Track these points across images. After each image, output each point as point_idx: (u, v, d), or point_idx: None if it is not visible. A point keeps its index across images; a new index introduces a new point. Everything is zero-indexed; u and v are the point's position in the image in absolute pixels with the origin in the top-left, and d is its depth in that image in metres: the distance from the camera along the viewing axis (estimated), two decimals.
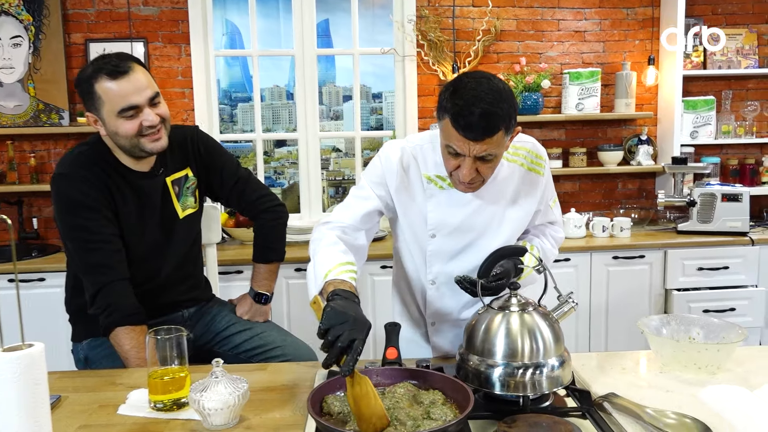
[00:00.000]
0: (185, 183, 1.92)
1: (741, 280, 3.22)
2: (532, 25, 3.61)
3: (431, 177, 1.58)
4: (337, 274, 1.41)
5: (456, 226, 1.59)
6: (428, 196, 1.59)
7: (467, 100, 1.34)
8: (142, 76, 1.69)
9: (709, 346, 1.42)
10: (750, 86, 3.74)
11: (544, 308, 1.38)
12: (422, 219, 1.60)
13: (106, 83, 1.65)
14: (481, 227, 1.59)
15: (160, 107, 1.74)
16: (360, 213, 1.60)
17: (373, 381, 1.28)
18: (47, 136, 3.47)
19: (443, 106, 1.39)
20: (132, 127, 1.69)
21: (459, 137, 1.37)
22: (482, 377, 1.31)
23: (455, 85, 1.38)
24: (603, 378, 1.45)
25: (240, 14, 4.68)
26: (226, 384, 1.27)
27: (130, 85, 1.66)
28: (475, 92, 1.34)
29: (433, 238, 1.60)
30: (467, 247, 1.61)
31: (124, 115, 1.67)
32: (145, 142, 1.72)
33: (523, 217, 1.64)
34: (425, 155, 1.59)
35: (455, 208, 1.58)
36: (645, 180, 3.78)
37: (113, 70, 1.65)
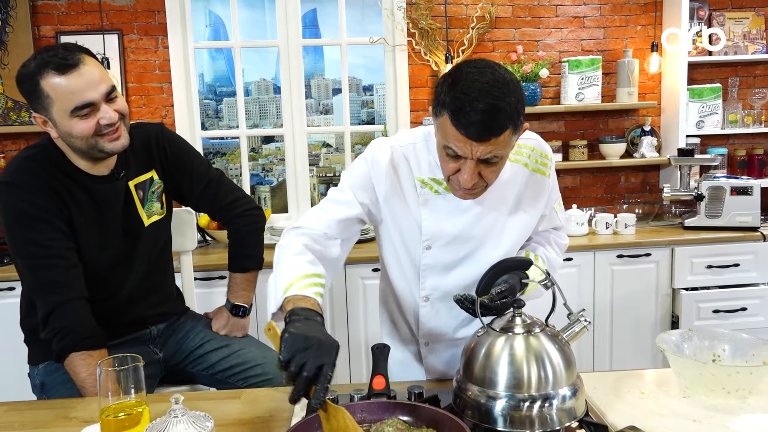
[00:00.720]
0: (150, 187, 1.75)
1: (752, 278, 3.06)
2: (529, 11, 3.42)
3: (425, 180, 1.40)
4: (299, 289, 1.21)
5: (454, 236, 1.40)
6: (422, 203, 1.40)
7: (469, 94, 1.14)
8: (95, 68, 1.51)
9: (740, 369, 1.24)
10: (758, 72, 3.57)
11: (552, 329, 1.21)
12: (415, 228, 1.42)
13: (54, 79, 1.46)
14: (481, 236, 1.41)
15: (118, 102, 1.56)
16: (336, 219, 1.40)
17: (357, 417, 1.11)
18: (18, 135, 3.28)
19: (441, 100, 1.19)
20: (88, 127, 1.51)
21: (460, 137, 1.17)
22: (482, 410, 1.14)
23: (454, 75, 1.19)
24: (619, 404, 1.28)
25: (223, 5, 4.48)
26: (188, 424, 1.10)
27: (82, 80, 1.48)
28: (478, 84, 1.14)
29: (428, 250, 1.42)
30: (465, 259, 1.43)
31: (77, 114, 1.49)
32: (104, 142, 1.54)
33: (527, 224, 1.46)
34: (418, 155, 1.40)
35: (453, 215, 1.40)
36: (648, 173, 3.61)
37: (61, 64, 1.46)
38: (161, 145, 1.77)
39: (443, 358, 1.53)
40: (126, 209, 1.69)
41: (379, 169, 1.40)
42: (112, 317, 1.65)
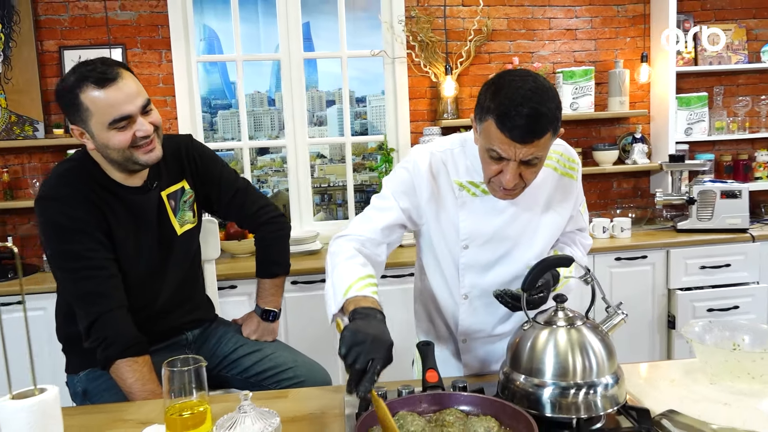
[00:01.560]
0: (182, 197, 1.79)
1: (743, 278, 3.19)
2: (524, 24, 3.54)
3: (463, 183, 1.48)
4: (358, 290, 1.29)
5: (491, 236, 1.49)
6: (460, 204, 1.48)
7: (513, 100, 1.23)
8: (132, 82, 1.56)
9: (764, 355, 1.34)
10: (740, 81, 3.74)
11: (592, 321, 1.29)
12: (454, 229, 1.49)
13: (94, 92, 1.50)
14: (516, 236, 1.50)
15: (152, 115, 1.60)
16: (381, 225, 1.48)
17: (418, 408, 1.17)
18: (21, 149, 3.29)
19: (485, 106, 1.28)
20: (125, 139, 1.55)
21: (504, 139, 1.26)
22: (531, 398, 1.22)
23: (497, 83, 1.28)
24: (653, 392, 1.36)
25: (218, 19, 4.52)
26: (256, 419, 1.15)
27: (120, 94, 1.52)
28: (522, 90, 1.24)
29: (466, 249, 1.50)
30: (502, 258, 1.51)
31: (115, 127, 1.53)
32: (139, 154, 1.58)
33: (558, 224, 1.55)
34: (456, 160, 1.49)
35: (489, 216, 1.48)
36: (639, 179, 3.75)
37: (101, 78, 1.50)
38: (191, 156, 1.82)
39: (480, 354, 1.60)
40: (159, 219, 1.73)
41: (420, 174, 1.47)
42: (148, 325, 1.68)
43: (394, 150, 3.53)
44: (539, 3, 3.53)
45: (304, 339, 2.85)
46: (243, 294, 2.90)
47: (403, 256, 3.05)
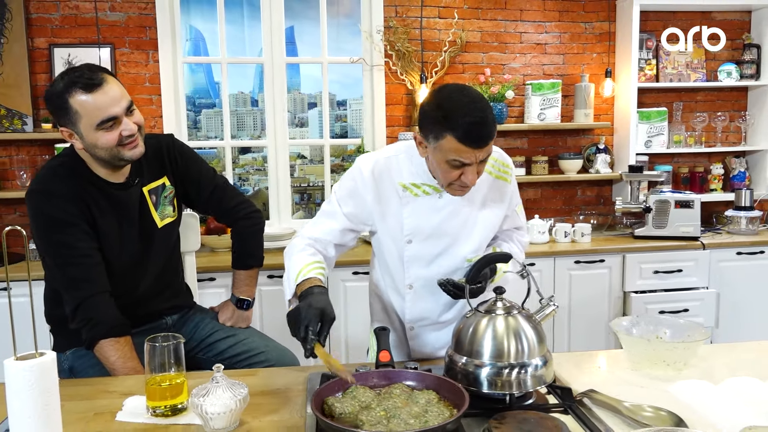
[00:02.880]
0: (162, 192, 1.92)
1: (693, 282, 3.41)
2: (496, 38, 3.73)
3: (406, 185, 1.66)
4: (305, 274, 1.56)
5: (431, 231, 1.68)
6: (404, 204, 1.67)
7: (467, 113, 1.42)
8: (116, 87, 1.70)
9: (677, 345, 1.53)
10: (699, 98, 3.96)
11: (527, 311, 1.46)
12: (398, 226, 1.68)
13: (82, 97, 1.64)
14: (455, 232, 1.69)
15: (135, 115, 1.74)
16: (327, 228, 1.70)
17: (370, 383, 1.34)
18: (10, 142, 3.40)
19: (439, 123, 1.46)
20: (112, 138, 1.68)
21: (466, 150, 1.45)
22: (470, 377, 1.39)
23: (444, 101, 1.47)
24: (581, 376, 1.54)
25: (204, 20, 4.65)
26: (226, 389, 1.31)
27: (106, 97, 1.66)
28: (472, 106, 1.43)
29: (410, 244, 1.69)
30: (443, 252, 1.70)
31: (103, 127, 1.66)
32: (125, 151, 1.72)
33: (493, 222, 1.74)
34: (400, 165, 1.67)
35: (430, 213, 1.67)
36: (603, 187, 3.95)
37: (88, 83, 1.64)
38: (172, 155, 1.95)
39: (428, 341, 1.78)
40: (141, 213, 1.87)
41: (363, 179, 1.66)
42: (130, 310, 1.83)
43: None
44: (511, 18, 3.72)
45: (278, 328, 2.99)
46: (221, 286, 3.04)
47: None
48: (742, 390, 1.40)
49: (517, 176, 3.62)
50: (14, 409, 1.03)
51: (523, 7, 3.73)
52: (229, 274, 3.03)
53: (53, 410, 1.06)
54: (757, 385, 1.41)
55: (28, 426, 1.02)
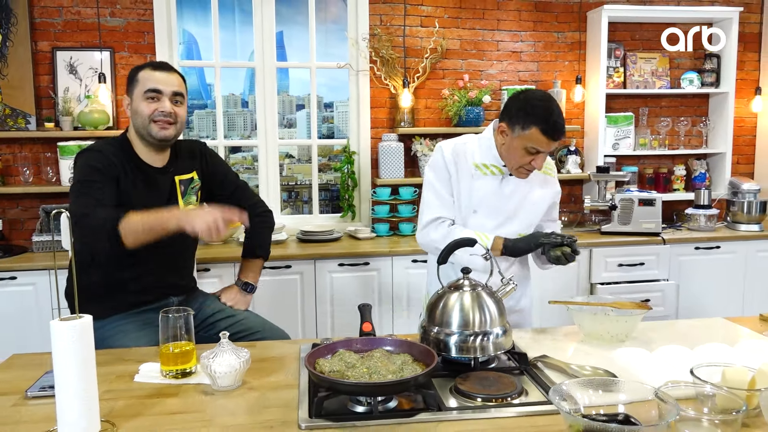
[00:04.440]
0: (190, 184, 2.20)
1: (655, 275, 3.67)
2: (474, 45, 3.98)
3: (478, 164, 2.06)
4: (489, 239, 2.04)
5: (493, 206, 2.07)
6: (475, 179, 2.05)
7: (555, 116, 1.88)
8: (178, 79, 2.05)
9: (618, 318, 1.78)
10: (663, 104, 4.24)
11: (489, 288, 1.70)
12: (468, 197, 2.06)
13: (148, 71, 2.02)
14: (512, 209, 2.08)
15: (179, 107, 2.06)
16: (441, 205, 2.09)
17: (354, 348, 1.57)
18: (13, 140, 3.58)
19: (529, 118, 1.89)
20: (149, 109, 1.99)
21: (546, 141, 1.89)
22: (441, 344, 1.62)
23: (535, 101, 1.91)
24: (537, 346, 1.78)
25: (197, 24, 4.86)
26: (232, 352, 1.53)
27: (162, 76, 2.02)
28: (550, 108, 1.89)
29: (475, 214, 2.06)
30: (501, 225, 2.08)
31: (147, 96, 1.99)
32: (155, 129, 2.00)
33: (541, 207, 2.13)
34: (473, 149, 2.08)
35: (494, 190, 2.07)
36: (574, 186, 4.21)
37: (158, 65, 2.06)
38: (203, 156, 2.27)
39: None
40: (170, 196, 2.13)
41: (445, 157, 2.08)
42: (143, 285, 2.06)
43: (356, 153, 3.92)
44: (489, 27, 3.97)
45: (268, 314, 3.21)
46: (215, 276, 3.26)
47: (360, 248, 3.45)
48: (672, 356, 1.64)
49: None
50: (59, 361, 1.24)
51: (500, 18, 3.98)
52: (222, 264, 3.26)
53: (90, 363, 1.27)
54: (686, 352, 1.66)
55: (71, 374, 1.23)
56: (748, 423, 1.28)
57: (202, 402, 1.46)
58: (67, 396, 1.25)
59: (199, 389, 1.53)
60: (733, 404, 1.24)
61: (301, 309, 3.38)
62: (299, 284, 3.38)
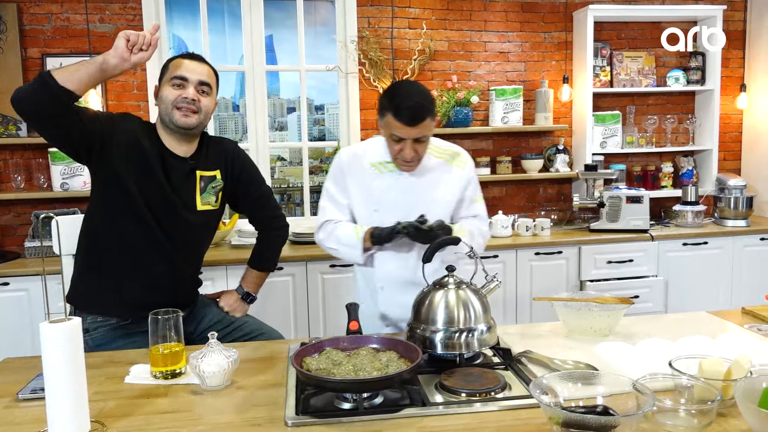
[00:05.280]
0: (211, 182, 2.13)
1: (643, 271, 3.71)
2: (462, 47, 4.01)
3: (375, 164, 2.07)
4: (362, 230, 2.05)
5: (393, 203, 2.03)
6: (372, 179, 2.05)
7: (404, 98, 1.86)
8: (207, 69, 2.04)
9: (601, 313, 1.81)
10: (650, 102, 4.28)
11: (474, 286, 1.73)
12: (368, 197, 2.05)
13: (178, 59, 2.02)
14: (413, 205, 2.02)
15: (205, 97, 2.02)
16: (334, 211, 2.11)
17: (341, 346, 1.59)
18: (4, 146, 3.60)
19: (385, 105, 1.90)
20: (173, 95, 1.97)
21: (400, 126, 1.87)
22: (427, 341, 1.64)
23: (392, 90, 1.91)
24: (523, 342, 1.81)
25: (186, 28, 4.87)
26: (220, 352, 1.56)
27: (191, 65, 2.01)
28: (409, 92, 1.89)
29: (377, 212, 2.05)
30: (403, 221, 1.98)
31: (173, 83, 1.98)
32: (177, 115, 1.97)
33: (447, 200, 2.09)
34: (371, 149, 2.10)
35: (392, 187, 2.06)
36: (563, 185, 4.25)
37: (190, 55, 2.04)
38: (233, 157, 2.18)
39: (397, 301, 2.05)
40: (186, 187, 2.06)
41: (341, 163, 2.11)
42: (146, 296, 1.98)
43: None
44: (477, 28, 4.01)
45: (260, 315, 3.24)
46: (207, 279, 3.24)
47: None
48: (653, 349, 1.67)
49: (482, 176, 3.94)
50: (49, 362, 1.26)
51: (488, 19, 4.01)
52: (213, 268, 3.27)
53: (79, 365, 1.29)
54: (667, 345, 1.69)
55: (60, 376, 1.26)
56: (725, 413, 1.31)
57: (191, 401, 1.48)
58: (56, 397, 1.27)
59: (189, 389, 1.55)
60: (710, 395, 1.28)
61: (293, 310, 3.41)
62: (291, 286, 3.41)
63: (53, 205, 3.60)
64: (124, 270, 2.02)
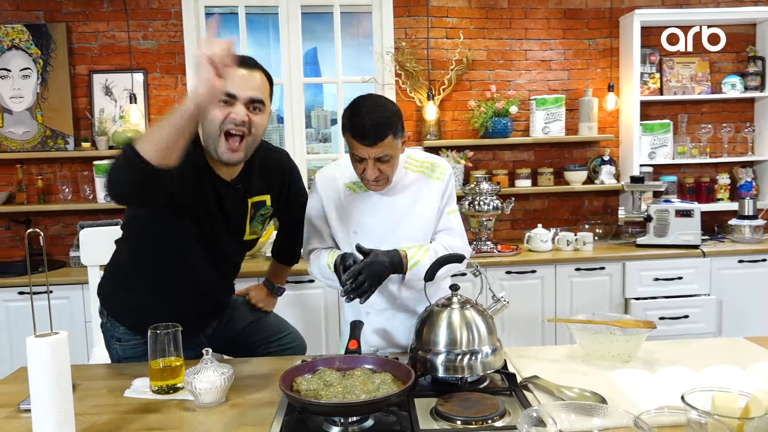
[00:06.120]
0: (260, 209, 1.96)
1: (694, 290, 3.49)
2: (502, 55, 3.92)
3: (349, 185, 1.92)
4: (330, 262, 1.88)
5: (372, 223, 1.89)
6: (349, 201, 1.91)
7: (361, 116, 1.68)
8: (259, 80, 1.70)
9: (619, 337, 1.69)
10: (704, 110, 4.05)
11: (480, 306, 1.65)
12: (346, 219, 1.92)
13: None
14: (393, 224, 1.88)
15: (257, 116, 1.70)
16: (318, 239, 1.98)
17: (335, 366, 1.54)
18: (53, 160, 3.75)
19: (344, 123, 1.74)
20: (220, 115, 1.66)
21: (358, 145, 1.70)
22: (428, 363, 1.58)
23: (351, 106, 1.73)
24: (535, 366, 1.71)
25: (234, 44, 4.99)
26: (215, 369, 1.54)
27: (240, 78, 1.66)
28: (367, 109, 1.69)
29: (356, 234, 1.90)
30: (383, 241, 1.85)
31: (220, 100, 1.64)
32: (222, 147, 1.69)
33: (427, 216, 1.90)
34: (344, 170, 1.92)
35: (369, 207, 1.90)
36: (609, 197, 4.07)
37: (242, 60, 1.67)
38: (287, 178, 2.02)
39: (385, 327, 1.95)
40: (236, 217, 1.89)
41: (317, 188, 1.96)
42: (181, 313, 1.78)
43: None
44: (517, 36, 3.90)
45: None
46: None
47: None
48: (674, 378, 1.54)
49: (523, 187, 3.81)
50: (34, 376, 1.27)
51: (528, 26, 3.90)
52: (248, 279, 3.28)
53: (64, 379, 1.30)
54: (689, 374, 1.56)
55: (44, 390, 1.26)
56: None
57: (181, 418, 1.47)
58: (41, 411, 1.28)
59: (183, 406, 1.54)
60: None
61: (324, 324, 3.39)
62: (323, 299, 3.39)
63: (98, 216, 3.72)
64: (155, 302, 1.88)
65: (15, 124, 3.68)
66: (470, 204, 3.51)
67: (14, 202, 3.70)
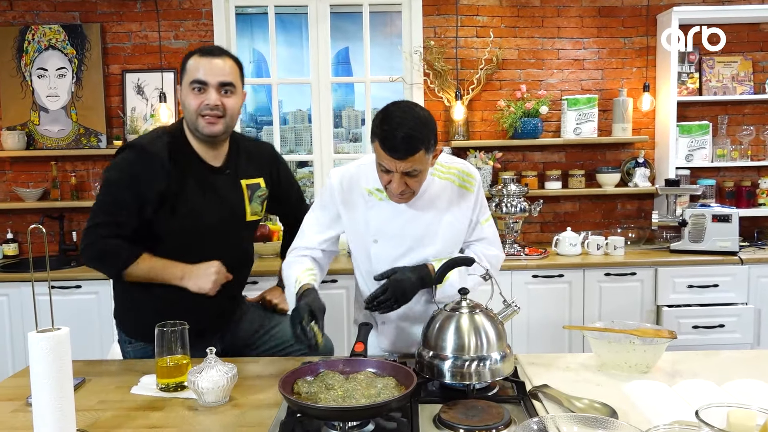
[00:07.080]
0: (257, 191, 2.05)
1: (731, 298, 3.35)
2: (533, 54, 3.83)
3: (371, 190, 1.80)
4: (300, 281, 1.77)
5: (394, 233, 1.80)
6: (369, 207, 1.81)
7: (392, 126, 1.58)
8: (228, 65, 1.83)
9: (636, 347, 1.62)
10: (746, 111, 3.89)
11: (490, 311, 1.60)
12: (365, 227, 1.82)
13: (195, 57, 1.84)
14: (418, 234, 1.80)
15: (229, 98, 1.84)
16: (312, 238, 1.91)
17: (338, 369, 1.52)
18: (87, 157, 3.83)
19: (374, 131, 1.63)
20: (195, 103, 1.81)
21: (387, 157, 1.60)
22: (435, 369, 1.54)
23: (383, 113, 1.63)
24: (547, 374, 1.65)
25: (265, 43, 5.01)
26: (219, 368, 1.53)
27: (209, 65, 1.81)
28: (399, 120, 1.58)
29: (376, 243, 1.81)
30: (406, 253, 1.81)
31: (192, 88, 1.81)
32: (202, 124, 1.82)
33: (457, 228, 1.83)
34: (367, 173, 1.81)
35: (393, 216, 1.80)
36: (643, 201, 3.94)
37: (206, 50, 1.85)
38: (274, 162, 2.12)
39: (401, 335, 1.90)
40: (234, 201, 1.98)
41: (332, 188, 1.84)
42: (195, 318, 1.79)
43: None
44: (549, 35, 3.81)
45: None
46: (261, 289, 3.29)
47: None
48: (694, 391, 1.47)
49: (553, 189, 3.73)
50: (35, 371, 1.28)
51: (561, 25, 3.81)
52: (267, 278, 3.28)
53: (65, 375, 1.30)
54: (710, 388, 1.48)
55: (45, 385, 1.27)
56: None
57: (183, 417, 1.46)
58: (41, 406, 1.29)
59: (187, 404, 1.54)
60: None
61: (346, 324, 3.37)
62: (345, 299, 3.37)
63: None
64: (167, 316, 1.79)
65: (51, 122, 3.77)
66: (497, 206, 3.44)
67: (49, 198, 3.79)
